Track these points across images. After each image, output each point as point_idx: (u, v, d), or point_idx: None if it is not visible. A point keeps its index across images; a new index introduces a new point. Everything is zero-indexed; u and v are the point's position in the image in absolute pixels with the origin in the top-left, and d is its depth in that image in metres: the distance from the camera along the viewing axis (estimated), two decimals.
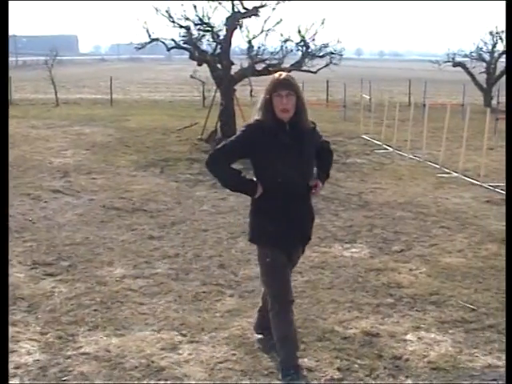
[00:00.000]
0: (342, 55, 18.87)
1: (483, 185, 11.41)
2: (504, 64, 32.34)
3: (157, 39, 18.31)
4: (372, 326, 5.47)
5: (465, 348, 5.10)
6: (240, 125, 9.99)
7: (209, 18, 17.12)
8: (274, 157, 4.40)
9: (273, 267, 4.57)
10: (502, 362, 4.85)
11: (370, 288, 6.35)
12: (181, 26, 17.38)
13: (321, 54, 18.08)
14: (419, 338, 5.28)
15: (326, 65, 18.31)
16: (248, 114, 11.85)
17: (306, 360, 4.83)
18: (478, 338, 5.27)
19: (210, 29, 17.13)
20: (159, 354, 4.94)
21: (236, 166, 4.58)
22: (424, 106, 18.69)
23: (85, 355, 4.90)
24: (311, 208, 4.75)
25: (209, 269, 6.90)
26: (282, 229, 4.52)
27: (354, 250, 7.65)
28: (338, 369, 4.72)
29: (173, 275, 6.68)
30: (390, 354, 4.98)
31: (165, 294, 6.15)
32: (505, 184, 10.69)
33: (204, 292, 6.21)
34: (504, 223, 8.77)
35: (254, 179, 4.55)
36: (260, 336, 5.17)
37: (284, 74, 4.50)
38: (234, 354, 4.93)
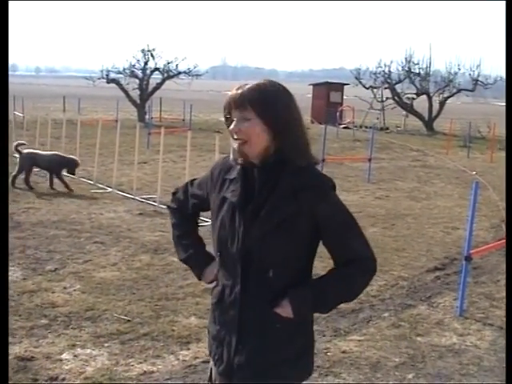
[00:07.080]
0: None
1: (136, 198, 11.72)
2: (156, 81, 34.01)
3: None
4: (26, 350, 5.29)
5: (121, 359, 5.20)
6: None
7: None
8: (218, 218, 2.71)
9: None
10: (157, 368, 5.07)
11: (23, 311, 6.11)
12: None
13: None
14: (75, 355, 5.25)
15: None
16: None
17: None
18: (134, 348, 5.42)
19: None
20: None
21: None
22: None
23: None
24: None
25: None
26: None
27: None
28: None
29: None
30: (46, 375, 4.89)
31: None
32: (157, 196, 11.20)
33: None
34: (156, 234, 9.19)
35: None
36: None
37: (244, 86, 2.60)
38: None
